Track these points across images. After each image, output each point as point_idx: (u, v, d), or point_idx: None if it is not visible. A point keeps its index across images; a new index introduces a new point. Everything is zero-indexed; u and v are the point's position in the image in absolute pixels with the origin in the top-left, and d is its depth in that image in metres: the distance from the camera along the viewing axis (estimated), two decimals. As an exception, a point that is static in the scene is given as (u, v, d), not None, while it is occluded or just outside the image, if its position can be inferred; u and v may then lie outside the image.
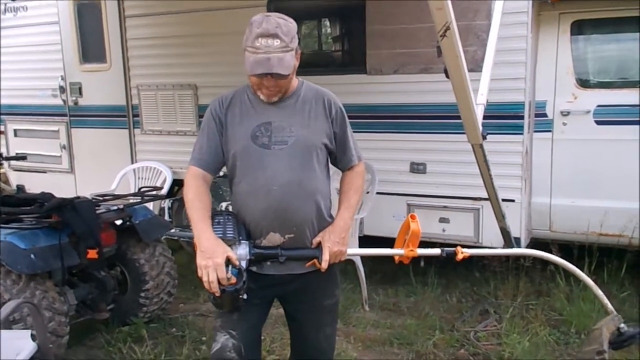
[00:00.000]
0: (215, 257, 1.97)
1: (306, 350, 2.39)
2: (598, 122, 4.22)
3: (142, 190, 4.43)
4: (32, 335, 2.11)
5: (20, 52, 6.21)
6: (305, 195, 2.15)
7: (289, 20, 2.08)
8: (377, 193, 4.45)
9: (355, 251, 3.41)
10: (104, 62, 5.74)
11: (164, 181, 5.34)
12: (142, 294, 3.91)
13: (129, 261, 3.91)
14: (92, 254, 3.47)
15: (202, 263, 1.98)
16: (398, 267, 3.10)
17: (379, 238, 4.43)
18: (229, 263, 2.01)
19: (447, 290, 4.56)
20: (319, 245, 2.18)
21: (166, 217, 5.43)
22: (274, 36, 2.00)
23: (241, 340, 2.16)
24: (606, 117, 4.20)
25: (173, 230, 4.98)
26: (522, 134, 4.18)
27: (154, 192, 4.44)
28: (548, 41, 4.35)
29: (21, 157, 5.70)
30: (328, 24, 5.31)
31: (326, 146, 2.22)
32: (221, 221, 2.13)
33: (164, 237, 4.30)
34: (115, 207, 3.83)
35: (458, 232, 4.44)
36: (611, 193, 4.19)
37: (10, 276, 3.22)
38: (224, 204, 4.79)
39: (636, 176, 4.06)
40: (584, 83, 4.32)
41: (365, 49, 4.58)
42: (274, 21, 2.03)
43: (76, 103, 6.02)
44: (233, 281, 1.99)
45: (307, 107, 2.20)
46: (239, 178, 2.19)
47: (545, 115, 4.37)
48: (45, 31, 6.03)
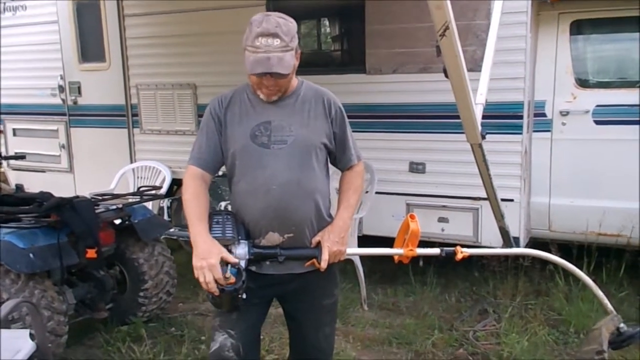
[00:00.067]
0: (209, 258, 1.97)
1: (305, 349, 2.39)
2: (597, 122, 4.22)
3: (141, 189, 4.43)
4: (31, 334, 2.10)
5: (19, 52, 6.21)
6: (304, 194, 2.15)
7: (289, 19, 2.08)
8: (377, 193, 4.45)
9: (354, 251, 3.41)
10: (103, 62, 5.74)
11: (163, 180, 5.34)
12: (141, 294, 3.91)
13: (128, 260, 3.91)
14: (91, 254, 3.47)
15: (197, 264, 1.99)
16: (397, 267, 3.10)
17: (378, 238, 4.43)
18: (227, 263, 2.00)
19: (446, 289, 4.56)
20: (318, 244, 2.18)
21: (165, 217, 5.43)
22: (274, 35, 2.00)
23: (240, 339, 2.17)
24: (605, 117, 4.21)
25: (172, 229, 4.97)
26: (521, 134, 4.18)
27: (153, 192, 4.44)
28: (547, 41, 4.35)
29: (20, 157, 5.70)
30: (327, 24, 5.31)
31: (325, 146, 2.22)
32: (220, 221, 2.13)
33: (163, 237, 4.31)
34: (114, 207, 3.84)
35: (457, 232, 4.44)
36: (610, 193, 4.19)
37: (9, 275, 3.21)
38: (223, 204, 4.78)
39: (635, 176, 4.06)
40: (583, 83, 4.32)
41: (364, 49, 4.57)
42: (274, 20, 2.03)
43: (75, 102, 6.01)
44: (232, 281, 1.98)
45: (307, 107, 2.20)
46: (238, 177, 2.19)
47: (544, 115, 4.37)
48: (44, 30, 6.03)
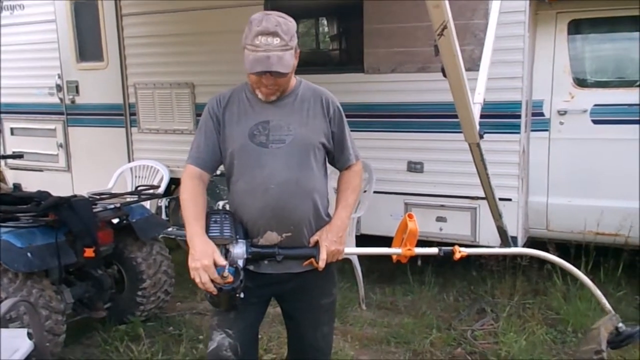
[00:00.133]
0: (203, 259, 1.97)
1: (303, 349, 2.39)
2: (595, 122, 4.23)
3: (139, 189, 4.43)
4: (29, 333, 2.10)
5: (17, 51, 6.20)
6: (302, 193, 2.15)
7: (289, 19, 2.08)
8: (375, 192, 4.46)
9: (352, 250, 3.41)
10: (101, 61, 5.74)
11: (161, 180, 5.34)
12: (139, 293, 3.91)
13: (126, 260, 3.91)
14: (89, 253, 3.47)
15: (192, 265, 1.99)
16: (395, 266, 3.10)
17: (376, 237, 4.44)
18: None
19: (444, 289, 4.56)
20: (317, 244, 2.17)
21: (163, 216, 5.43)
22: (274, 34, 2.00)
23: (238, 339, 2.17)
24: (603, 117, 4.21)
25: (170, 229, 4.97)
26: (519, 133, 4.19)
27: (151, 191, 4.44)
28: (545, 40, 4.36)
29: (18, 156, 5.70)
30: (325, 23, 5.30)
31: (324, 145, 2.22)
32: (218, 220, 2.13)
33: (161, 236, 4.31)
34: (112, 206, 3.83)
35: (455, 231, 4.44)
36: (608, 192, 4.20)
37: (6, 275, 3.21)
38: (221, 203, 4.78)
39: (633, 175, 4.07)
40: (581, 82, 4.33)
41: (362, 48, 4.57)
42: (274, 20, 2.02)
43: (73, 101, 6.01)
44: (230, 280, 1.98)
45: (305, 106, 2.20)
46: (237, 177, 2.19)
47: (542, 114, 4.37)
48: (42, 29, 6.03)
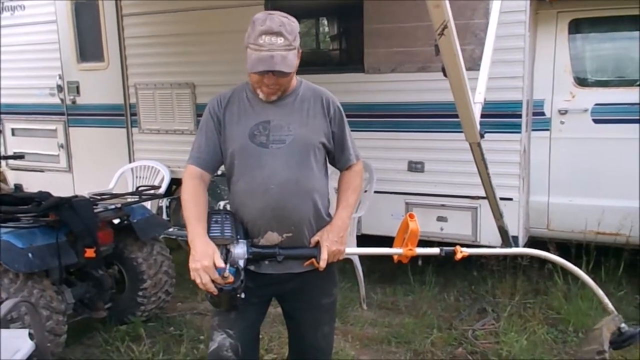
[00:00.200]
0: (203, 260, 1.96)
1: (304, 349, 2.39)
2: (596, 121, 4.22)
3: (140, 189, 4.43)
4: (30, 334, 2.10)
5: (17, 51, 6.20)
6: (302, 193, 2.14)
7: (292, 19, 2.08)
8: (375, 192, 4.46)
9: (353, 250, 3.41)
10: (102, 61, 5.74)
11: (162, 180, 5.34)
12: (140, 293, 3.91)
13: (127, 260, 3.91)
14: (90, 253, 3.47)
15: (192, 266, 1.98)
16: (396, 266, 3.11)
17: (377, 237, 4.43)
18: (226, 262, 2.00)
19: (445, 289, 4.56)
20: (317, 244, 2.17)
21: (164, 216, 5.43)
22: (278, 34, 2.00)
23: (238, 339, 2.17)
24: (604, 116, 4.21)
25: (171, 229, 4.97)
26: (520, 133, 4.19)
27: (152, 191, 4.44)
28: (546, 40, 4.36)
29: (19, 156, 5.70)
30: (326, 23, 5.30)
31: (324, 145, 2.22)
32: (219, 220, 2.13)
33: (162, 236, 4.31)
34: (112, 206, 3.84)
35: (456, 231, 4.44)
36: (609, 191, 4.19)
37: (7, 275, 3.21)
38: (222, 203, 4.78)
39: (633, 175, 4.06)
40: (582, 82, 4.32)
41: (363, 48, 4.57)
42: (278, 20, 2.02)
43: (74, 102, 6.01)
44: (230, 280, 1.98)
45: (306, 106, 2.20)
46: (237, 177, 2.19)
47: (543, 113, 4.37)
48: (42, 30, 6.02)
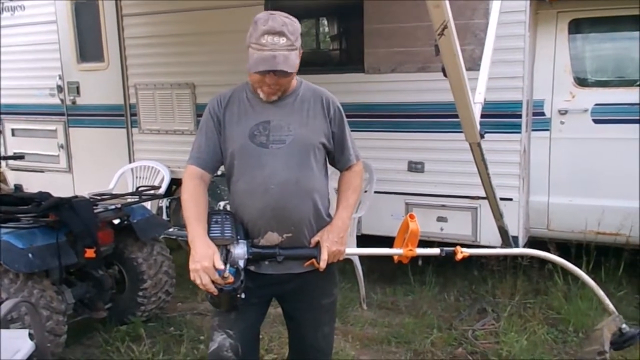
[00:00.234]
0: (203, 261, 1.96)
1: (304, 349, 2.39)
2: (596, 121, 4.22)
3: (140, 189, 4.43)
4: (30, 334, 2.10)
5: (17, 52, 6.20)
6: (302, 194, 2.14)
7: (294, 19, 2.08)
8: (375, 192, 4.46)
9: (354, 251, 3.41)
10: (102, 61, 5.74)
11: (162, 180, 5.34)
12: (140, 293, 3.91)
13: (127, 260, 3.91)
14: (90, 253, 3.47)
15: (192, 267, 1.98)
16: (396, 266, 3.11)
17: (377, 237, 4.44)
18: (225, 263, 2.00)
19: (445, 289, 4.56)
20: (318, 244, 2.17)
21: (164, 216, 5.43)
22: (280, 34, 2.00)
23: (238, 339, 2.17)
24: (604, 116, 4.21)
25: (171, 229, 4.97)
26: (520, 133, 4.18)
27: (152, 192, 4.44)
28: (546, 40, 4.36)
29: (19, 157, 5.70)
30: (326, 23, 5.30)
31: (324, 145, 2.22)
32: (219, 220, 2.13)
33: (162, 236, 4.31)
34: (112, 207, 3.84)
35: (456, 231, 4.44)
36: (609, 192, 4.19)
37: (7, 275, 3.21)
38: (222, 203, 4.78)
39: (633, 175, 4.07)
40: (582, 82, 4.32)
41: (363, 48, 4.57)
42: (280, 20, 2.03)
43: (74, 102, 6.01)
44: (230, 280, 1.98)
45: (306, 107, 2.20)
46: (237, 177, 2.19)
47: (543, 114, 4.37)
48: (42, 30, 6.02)
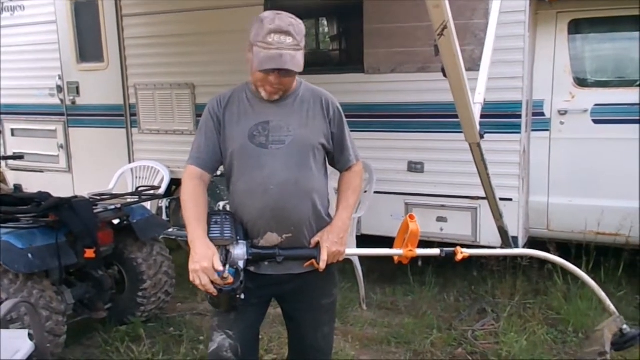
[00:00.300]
0: (202, 262, 1.96)
1: (304, 349, 2.39)
2: (595, 121, 4.23)
3: (140, 189, 4.43)
4: (30, 334, 2.10)
5: (17, 52, 6.20)
6: (302, 194, 2.14)
7: (299, 20, 2.08)
8: (375, 192, 4.45)
9: (353, 251, 3.40)
10: (102, 62, 5.74)
11: (162, 180, 5.34)
12: (140, 294, 3.91)
13: (127, 260, 3.91)
14: (90, 254, 3.47)
15: (191, 268, 1.99)
16: (396, 267, 3.12)
17: (377, 237, 4.44)
18: (226, 263, 2.01)
19: (445, 289, 4.56)
20: (317, 245, 2.17)
21: (164, 217, 5.43)
22: (287, 33, 2.01)
23: (238, 340, 2.17)
24: (604, 116, 4.21)
25: (171, 229, 4.97)
26: (520, 133, 4.18)
27: (152, 192, 4.44)
28: (545, 40, 4.36)
29: (18, 157, 5.70)
30: (326, 23, 5.30)
31: (324, 146, 2.22)
32: (219, 221, 2.13)
33: (162, 237, 4.31)
34: (112, 207, 3.84)
35: (456, 231, 4.44)
36: (609, 192, 4.19)
37: (7, 275, 3.21)
38: (222, 203, 4.78)
39: (633, 175, 4.07)
40: (582, 82, 4.32)
41: (362, 48, 4.57)
42: (287, 19, 2.03)
43: (74, 102, 6.01)
44: (230, 281, 1.98)
45: (305, 107, 2.20)
46: (237, 177, 2.19)
47: (542, 114, 4.37)
48: (42, 30, 6.03)
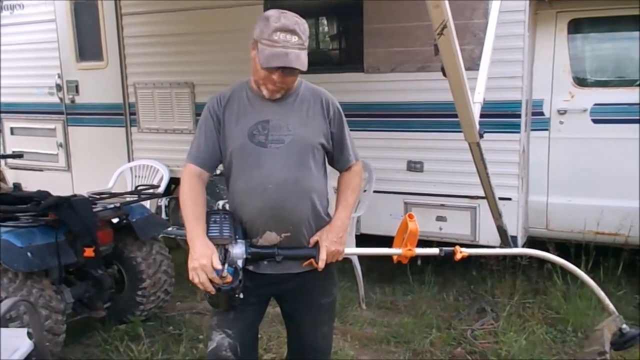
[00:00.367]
0: (201, 259, 1.97)
1: (303, 348, 2.39)
2: (595, 121, 4.23)
3: (139, 188, 4.43)
4: (29, 333, 2.10)
5: (17, 50, 6.20)
6: (301, 193, 2.14)
7: (303, 19, 2.08)
8: (374, 191, 4.46)
9: (353, 250, 3.40)
10: (101, 60, 5.74)
11: (161, 179, 5.34)
12: (139, 293, 3.91)
13: (126, 259, 3.91)
14: (89, 252, 3.47)
15: (190, 265, 1.99)
16: (395, 266, 3.12)
17: (376, 236, 4.44)
18: (223, 263, 2.01)
19: (444, 288, 4.56)
20: (316, 244, 2.17)
21: (163, 216, 5.42)
22: (293, 32, 2.01)
23: (237, 339, 2.17)
24: (603, 116, 4.21)
25: (170, 228, 4.97)
26: (519, 133, 4.18)
27: (151, 191, 4.44)
28: (545, 40, 4.36)
29: (18, 155, 5.70)
30: (325, 22, 5.30)
31: (323, 146, 2.22)
32: (218, 220, 2.13)
33: (161, 236, 4.31)
34: (112, 206, 3.83)
35: (455, 231, 4.44)
36: (608, 191, 4.20)
37: (6, 274, 3.21)
38: (221, 202, 4.78)
39: (632, 174, 4.07)
40: (581, 82, 4.33)
41: (362, 48, 4.57)
42: (292, 18, 2.04)
43: (73, 101, 6.01)
44: (229, 280, 1.99)
45: (305, 107, 2.20)
46: (236, 176, 2.19)
47: (542, 113, 4.37)
48: (42, 29, 6.02)
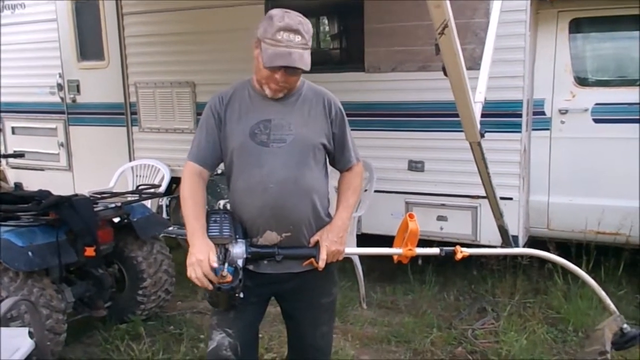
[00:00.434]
0: (198, 255, 1.99)
1: (303, 348, 2.39)
2: (596, 120, 4.22)
3: (140, 188, 4.43)
4: (30, 332, 2.10)
5: (18, 50, 6.21)
6: (301, 193, 2.14)
7: (306, 19, 2.08)
8: (375, 191, 4.45)
9: (353, 250, 3.40)
10: (102, 60, 5.74)
11: (162, 179, 5.34)
12: (140, 292, 3.91)
13: (127, 259, 3.91)
14: (90, 252, 3.47)
15: (188, 261, 2.01)
16: (396, 266, 3.12)
17: (377, 236, 4.43)
18: (223, 262, 2.01)
19: (445, 288, 4.56)
20: (317, 244, 2.17)
21: (164, 215, 5.42)
22: (297, 32, 2.01)
23: (237, 338, 2.17)
24: (604, 116, 4.21)
25: (171, 227, 4.97)
26: (520, 132, 4.18)
27: (152, 190, 4.44)
28: (546, 39, 4.35)
29: (19, 155, 5.69)
30: (326, 22, 5.30)
31: (324, 146, 2.22)
32: (218, 219, 2.13)
33: (162, 235, 4.31)
34: (112, 205, 3.83)
35: (456, 230, 4.43)
36: (609, 191, 4.19)
37: (7, 274, 3.21)
38: (222, 202, 4.78)
39: (633, 174, 4.06)
40: (582, 81, 4.32)
41: (363, 47, 4.57)
42: (296, 18, 2.04)
43: (74, 101, 6.01)
44: (229, 279, 1.99)
45: (307, 106, 2.20)
46: (236, 175, 2.19)
47: (543, 113, 4.37)
48: (43, 29, 6.03)
